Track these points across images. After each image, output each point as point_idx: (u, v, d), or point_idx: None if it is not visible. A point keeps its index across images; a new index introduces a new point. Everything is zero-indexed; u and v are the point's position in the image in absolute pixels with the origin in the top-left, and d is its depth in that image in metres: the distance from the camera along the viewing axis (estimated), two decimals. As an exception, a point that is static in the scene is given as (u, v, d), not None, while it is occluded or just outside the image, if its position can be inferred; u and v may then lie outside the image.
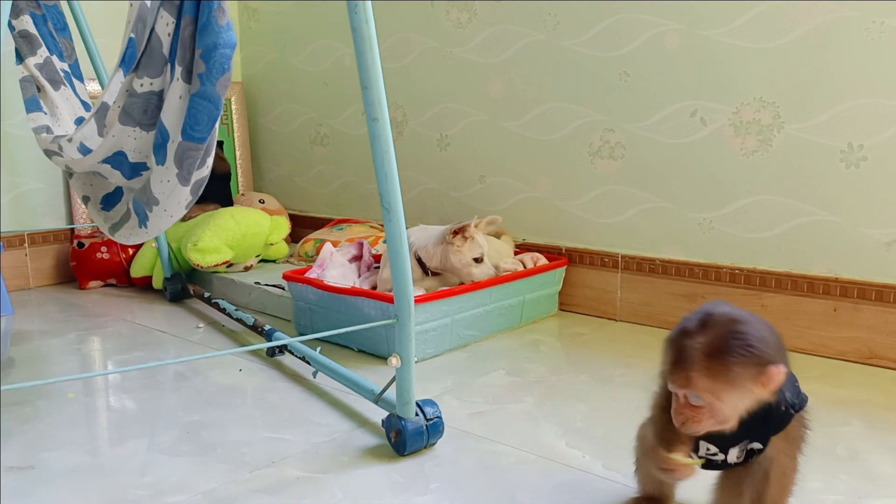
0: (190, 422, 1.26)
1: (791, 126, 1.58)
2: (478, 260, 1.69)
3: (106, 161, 1.12)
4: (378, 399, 1.22)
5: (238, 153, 2.71)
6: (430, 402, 1.16)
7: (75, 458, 1.13)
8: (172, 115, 1.01)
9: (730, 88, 1.65)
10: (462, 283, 1.71)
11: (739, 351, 0.75)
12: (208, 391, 1.41)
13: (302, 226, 2.62)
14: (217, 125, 1.04)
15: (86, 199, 1.33)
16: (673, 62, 1.72)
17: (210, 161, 1.08)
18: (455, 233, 1.68)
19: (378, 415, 1.26)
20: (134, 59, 1.02)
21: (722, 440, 0.83)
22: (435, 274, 1.74)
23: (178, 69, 0.99)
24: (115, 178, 1.17)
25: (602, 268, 1.89)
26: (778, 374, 0.75)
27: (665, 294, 1.80)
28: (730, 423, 0.78)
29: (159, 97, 1.04)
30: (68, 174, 1.33)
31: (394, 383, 1.16)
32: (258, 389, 1.42)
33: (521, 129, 2.01)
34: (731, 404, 0.76)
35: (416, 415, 1.13)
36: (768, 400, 0.78)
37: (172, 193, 1.08)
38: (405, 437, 1.11)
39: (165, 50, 1.00)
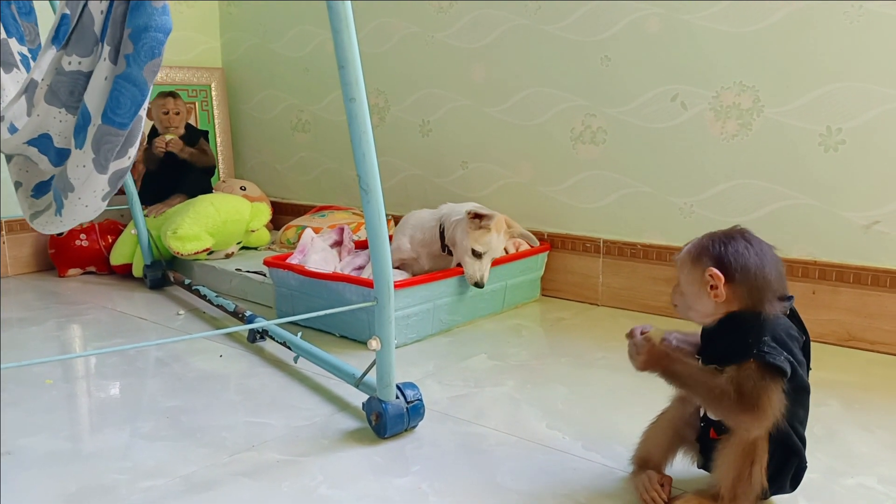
0: (170, 407, 1.25)
1: (770, 110, 1.59)
2: (476, 254, 1.67)
3: (32, 143, 1.07)
4: (359, 382, 1.21)
5: (219, 140, 2.69)
6: (411, 385, 1.16)
7: (53, 444, 1.12)
8: (95, 96, 0.96)
9: (710, 73, 1.65)
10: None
11: (700, 251, 0.89)
12: (189, 377, 1.40)
13: (284, 213, 2.61)
14: (142, 112, 0.99)
15: (17, 185, 1.28)
16: (653, 46, 1.72)
17: (132, 151, 1.03)
18: (476, 216, 1.67)
19: (359, 398, 1.26)
20: (65, 36, 0.97)
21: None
22: (450, 253, 1.74)
23: (107, 49, 0.94)
24: (44, 164, 1.11)
25: (584, 253, 1.90)
26: (713, 275, 0.85)
27: (646, 279, 1.80)
28: (699, 317, 0.91)
29: (87, 77, 0.99)
30: (6, 158, 1.29)
31: (374, 367, 1.15)
32: (239, 375, 1.41)
33: (504, 114, 2.01)
34: (690, 294, 0.90)
35: (397, 398, 1.13)
36: (726, 311, 0.87)
37: (88, 180, 1.02)
38: (385, 419, 1.11)
39: (97, 28, 0.95)
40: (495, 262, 1.75)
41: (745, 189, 1.64)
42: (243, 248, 2.29)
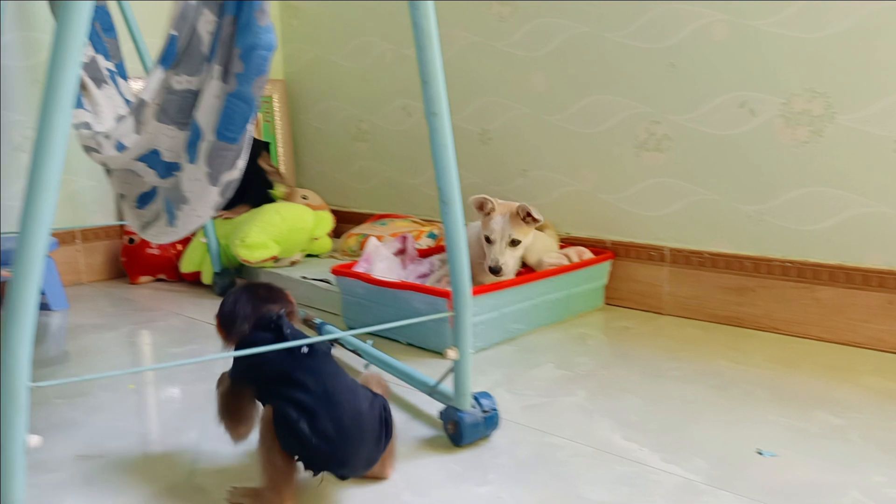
0: (248, 413, 1.28)
1: (843, 117, 1.56)
2: (488, 240, 1.70)
3: (141, 159, 1.13)
4: (433, 391, 1.23)
5: (280, 150, 2.74)
6: (486, 395, 1.17)
7: (140, 447, 1.16)
8: (207, 113, 1.01)
9: (779, 79, 1.63)
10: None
11: None
12: (263, 383, 1.43)
13: (344, 221, 2.64)
14: (252, 126, 1.04)
15: (121, 197, 1.35)
16: (720, 53, 1.71)
17: (241, 163, 1.08)
18: (479, 206, 1.73)
19: (431, 406, 1.28)
20: (174, 57, 1.02)
21: None
22: None
23: (217, 68, 0.99)
24: (150, 177, 1.18)
25: (648, 261, 1.88)
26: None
27: (714, 287, 1.78)
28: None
29: (195, 96, 1.04)
30: (106, 171, 1.35)
31: (448, 375, 1.17)
32: (311, 382, 1.44)
33: (565, 122, 2.01)
34: None
35: (473, 407, 1.14)
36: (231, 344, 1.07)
37: (202, 193, 1.08)
38: (462, 428, 1.12)
39: (205, 48, 1.01)
40: (558, 271, 1.76)
41: (818, 197, 1.61)
42: (307, 255, 2.33)
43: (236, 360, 1.02)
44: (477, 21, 2.15)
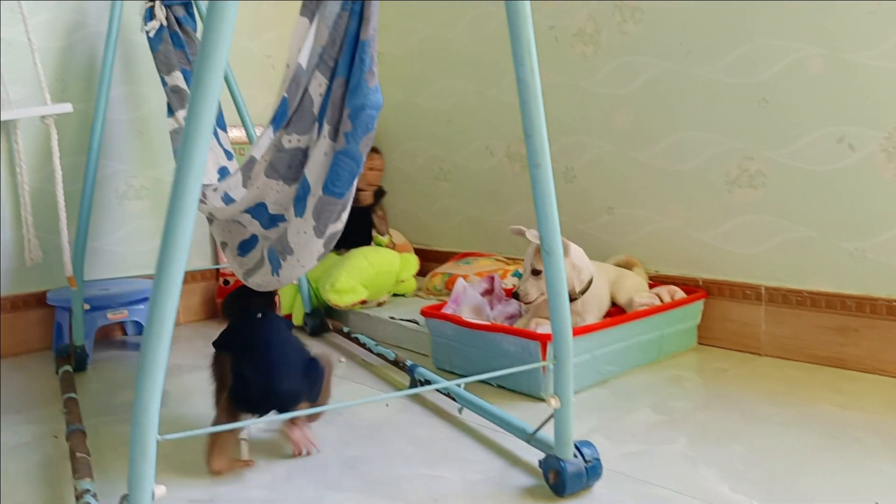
0: (349, 457, 1.31)
1: (953, 150, 1.50)
2: (535, 273, 1.68)
3: (247, 211, 1.19)
4: (531, 438, 1.22)
5: (365, 190, 2.81)
6: (587, 444, 1.15)
7: (251, 493, 1.19)
8: (316, 170, 1.06)
9: (880, 113, 1.58)
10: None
11: None
12: (360, 426, 1.45)
13: (428, 259, 2.67)
14: (356, 181, 1.08)
15: (223, 245, 1.41)
16: (816, 87, 1.67)
17: (345, 216, 1.12)
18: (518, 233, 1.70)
19: (528, 453, 1.27)
20: (285, 118, 1.07)
21: None
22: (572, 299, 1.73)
23: (326, 127, 1.04)
24: (254, 227, 1.23)
25: (743, 300, 1.84)
26: None
27: (814, 327, 1.72)
28: None
29: (304, 153, 1.09)
30: (209, 220, 1.41)
31: (547, 423, 1.16)
32: (407, 424, 1.46)
33: (651, 158, 1.99)
34: None
35: (575, 456, 1.13)
36: None
37: (307, 245, 1.12)
38: (565, 478, 1.11)
39: (315, 109, 1.06)
40: (650, 311, 1.73)
41: (926, 233, 1.55)
42: (393, 295, 2.36)
43: (221, 333, 1.39)
44: (560, 61, 2.17)
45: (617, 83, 2.04)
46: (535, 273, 1.67)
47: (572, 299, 1.68)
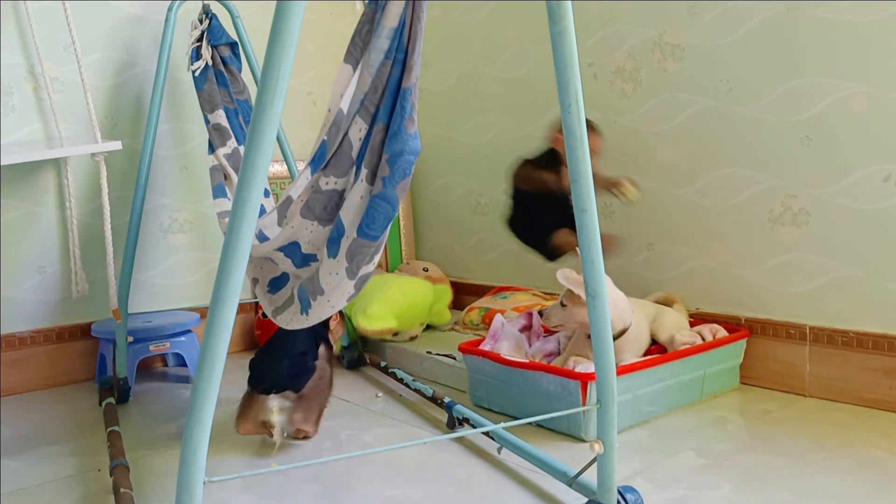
0: (388, 496, 1.30)
1: None
2: (563, 304, 1.67)
3: (280, 249, 1.20)
4: (572, 482, 1.21)
5: (402, 223, 2.83)
6: (631, 490, 1.14)
7: (287, 531, 1.19)
8: (351, 212, 1.07)
9: (929, 151, 1.56)
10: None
11: None
12: (398, 464, 1.45)
13: (463, 293, 2.67)
14: (390, 225, 1.09)
15: (254, 281, 1.42)
16: (861, 125, 1.65)
17: (377, 258, 1.13)
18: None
19: (569, 495, 1.25)
20: (323, 160, 1.09)
21: None
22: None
23: (364, 171, 1.05)
24: (286, 265, 1.24)
25: (788, 340, 1.80)
26: None
27: (861, 369, 1.68)
28: None
29: (340, 195, 1.11)
30: None
31: (590, 467, 1.14)
32: (445, 464, 1.45)
33: (692, 195, 1.98)
34: None
35: (618, 502, 1.11)
36: None
37: (339, 286, 1.13)
38: (608, 524, 1.09)
39: (354, 153, 1.07)
40: (692, 351, 1.71)
41: (979, 275, 1.51)
42: (427, 327, 2.36)
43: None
44: (599, 98, 2.17)
45: (657, 120, 2.04)
46: (563, 305, 1.66)
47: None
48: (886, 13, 1.59)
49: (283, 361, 1.55)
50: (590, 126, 1.52)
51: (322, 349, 1.69)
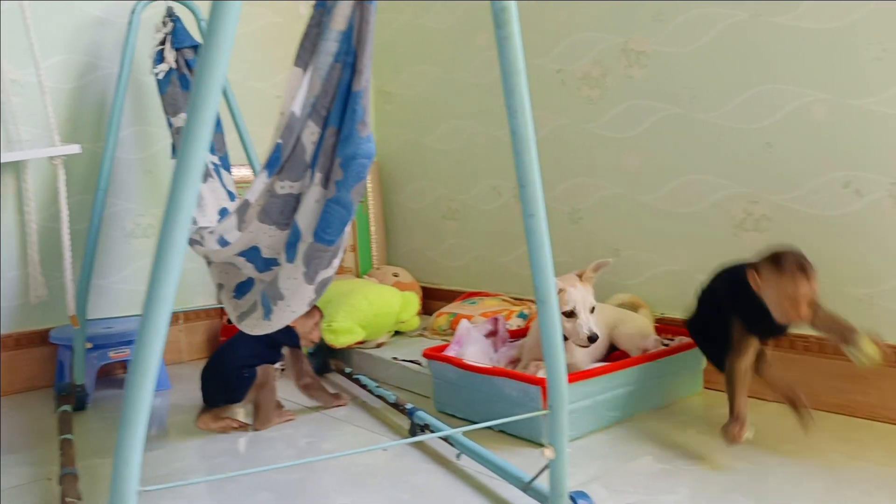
0: (342, 505, 1.29)
1: (960, 196, 1.48)
2: (567, 314, 1.63)
3: (241, 254, 1.19)
4: (527, 488, 1.20)
5: (372, 228, 2.81)
6: (583, 495, 1.13)
7: (237, 540, 1.17)
8: (307, 217, 1.06)
9: (887, 158, 1.57)
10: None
11: None
12: (355, 472, 1.43)
13: (434, 298, 2.66)
14: (348, 229, 1.08)
15: (220, 287, 1.41)
16: (821, 133, 1.66)
17: (336, 262, 1.13)
18: None
19: (523, 501, 1.24)
20: (278, 164, 1.08)
21: None
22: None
23: (318, 175, 1.05)
24: (248, 269, 1.23)
25: (750, 345, 1.80)
26: None
27: (821, 374, 1.69)
28: None
29: (297, 199, 1.10)
30: (207, 262, 1.41)
31: (543, 473, 1.14)
32: (403, 471, 1.43)
33: (658, 201, 1.98)
34: None
35: (570, 508, 1.11)
36: None
37: (297, 290, 1.13)
38: (559, 531, 1.09)
39: (308, 157, 1.06)
40: (655, 356, 1.71)
41: (934, 281, 1.52)
42: (395, 333, 2.35)
43: None
44: (567, 104, 2.17)
45: (623, 126, 2.04)
46: (568, 315, 1.64)
47: None
48: (845, 21, 1.61)
49: (219, 379, 1.70)
50: (804, 267, 1.36)
51: (287, 351, 1.77)
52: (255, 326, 1.29)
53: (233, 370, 1.68)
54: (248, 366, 1.68)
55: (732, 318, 1.48)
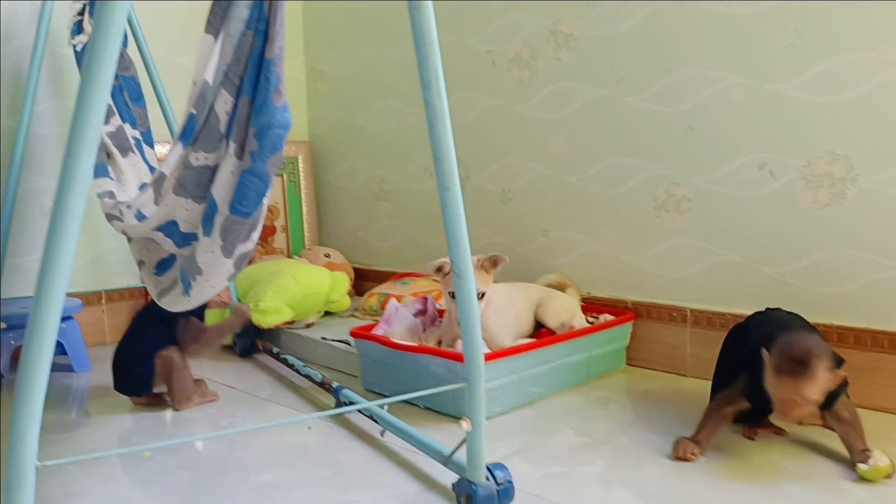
0: (262, 482, 1.28)
1: (866, 179, 1.55)
2: (452, 295, 1.65)
3: (159, 229, 1.16)
4: (447, 461, 1.21)
5: (304, 209, 2.78)
6: (501, 466, 1.15)
7: (153, 519, 1.16)
8: (222, 189, 1.04)
9: (799, 142, 1.63)
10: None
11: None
12: (278, 449, 1.42)
13: (366, 279, 2.65)
14: (265, 201, 1.06)
15: (140, 263, 1.37)
16: (739, 116, 1.71)
17: (255, 236, 1.10)
18: (437, 269, 1.71)
19: (447, 476, 1.25)
20: (192, 134, 1.06)
21: None
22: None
23: (233, 146, 1.02)
24: (168, 245, 1.20)
25: (671, 322, 1.86)
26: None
27: (737, 350, 1.75)
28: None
29: (212, 171, 1.07)
30: (127, 238, 1.38)
31: (463, 445, 1.15)
32: (326, 448, 1.43)
33: (585, 183, 2.01)
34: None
35: (487, 479, 1.12)
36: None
37: (215, 264, 1.10)
38: (476, 502, 1.10)
39: (222, 127, 1.04)
40: (579, 333, 1.74)
41: (841, 259, 1.59)
42: (326, 314, 2.33)
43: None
44: (497, 85, 2.18)
45: (552, 108, 2.07)
46: (480, 297, 1.65)
47: None
48: (763, 7, 1.65)
49: (122, 375, 1.69)
50: (798, 371, 1.20)
51: (182, 320, 1.72)
52: (175, 303, 1.26)
53: (131, 369, 1.67)
54: (147, 356, 1.66)
55: (742, 372, 1.36)
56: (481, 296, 1.66)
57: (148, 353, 1.65)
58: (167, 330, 1.68)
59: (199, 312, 1.74)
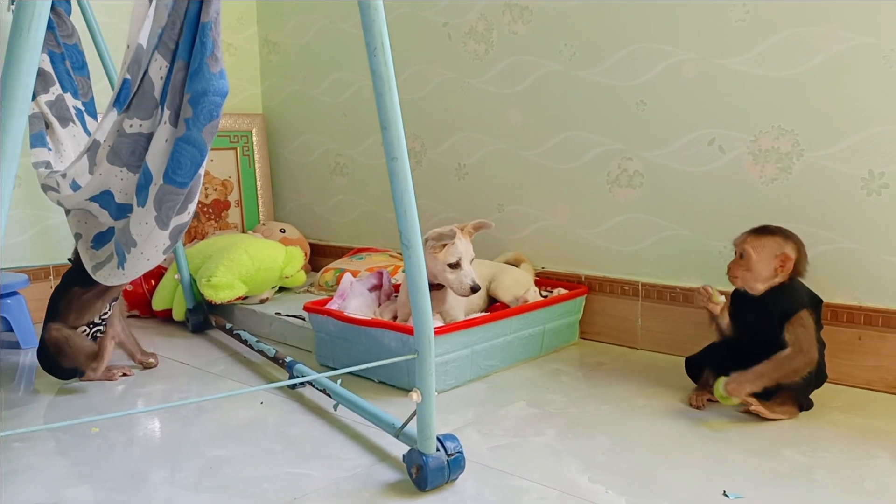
0: (212, 456, 1.27)
1: (811, 154, 1.58)
2: (452, 265, 1.65)
3: (94, 199, 1.12)
4: (399, 433, 1.22)
5: (259, 183, 2.74)
6: (451, 437, 1.16)
7: (100, 495, 1.14)
8: (157, 157, 1.01)
9: (748, 117, 1.65)
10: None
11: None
12: (230, 424, 1.41)
13: (322, 255, 2.64)
14: (202, 171, 1.04)
15: (77, 237, 1.34)
16: (690, 91, 1.73)
17: (192, 207, 1.08)
18: (436, 238, 1.68)
19: (399, 448, 1.26)
20: (127, 100, 1.02)
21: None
22: (434, 287, 1.69)
23: (167, 112, 0.99)
24: (104, 217, 1.17)
25: (622, 296, 1.89)
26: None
27: (686, 323, 1.78)
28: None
29: (147, 139, 1.04)
30: (65, 211, 1.34)
31: (414, 417, 1.16)
32: (279, 423, 1.43)
33: (540, 157, 2.02)
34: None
35: (437, 450, 1.13)
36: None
37: (150, 236, 1.07)
38: (426, 472, 1.11)
39: (157, 93, 1.01)
40: (532, 306, 1.76)
41: (787, 233, 1.62)
42: (281, 289, 2.32)
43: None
44: (453, 59, 2.17)
45: (507, 82, 2.06)
46: (454, 266, 1.65)
47: None
48: (713, -17, 1.67)
49: (51, 369, 1.66)
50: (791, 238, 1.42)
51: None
52: (110, 276, 1.23)
53: (41, 354, 1.65)
54: (42, 342, 1.63)
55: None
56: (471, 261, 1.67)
57: (42, 340, 1.64)
58: (50, 312, 1.66)
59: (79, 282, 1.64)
